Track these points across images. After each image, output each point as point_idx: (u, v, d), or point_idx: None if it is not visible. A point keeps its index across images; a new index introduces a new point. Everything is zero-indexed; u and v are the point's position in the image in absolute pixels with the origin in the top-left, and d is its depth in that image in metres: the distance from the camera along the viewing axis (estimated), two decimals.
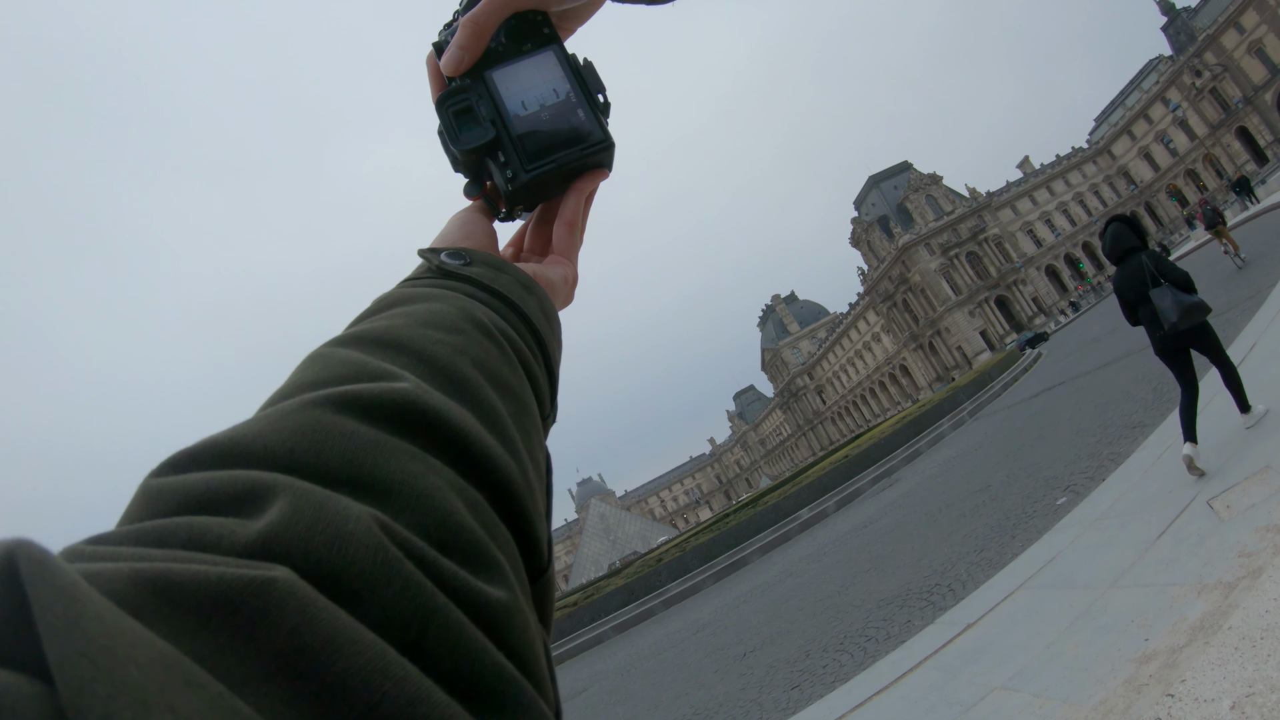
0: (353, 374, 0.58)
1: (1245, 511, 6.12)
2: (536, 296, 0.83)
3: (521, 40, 0.97)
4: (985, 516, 12.51)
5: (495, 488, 0.56)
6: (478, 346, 0.68)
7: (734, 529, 29.94)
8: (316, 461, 0.48)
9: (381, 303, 0.74)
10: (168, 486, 0.45)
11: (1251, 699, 3.77)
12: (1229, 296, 20.36)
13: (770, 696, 9.46)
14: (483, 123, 0.93)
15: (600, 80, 1.00)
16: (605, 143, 0.96)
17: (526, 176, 0.92)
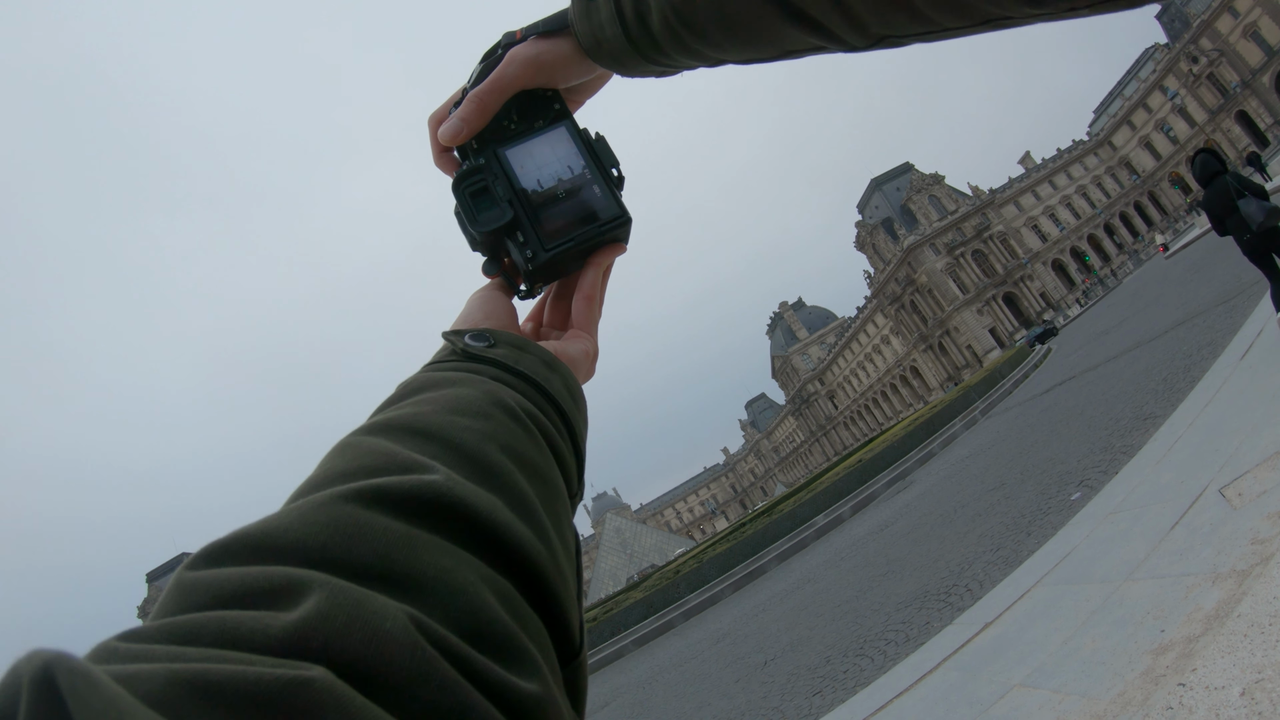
0: (383, 465, 0.58)
1: (1257, 498, 6.11)
2: (560, 375, 0.83)
3: (533, 117, 0.98)
4: (1000, 515, 12.50)
5: (526, 577, 0.57)
6: (505, 431, 0.68)
7: (751, 538, 29.91)
8: (349, 557, 0.48)
9: (407, 388, 0.75)
10: (201, 580, 0.46)
11: (1261, 684, 3.78)
12: (1238, 282, 20.33)
13: (792, 704, 9.46)
14: (500, 203, 0.93)
15: (613, 154, 1.00)
16: (621, 219, 0.97)
17: (546, 256, 0.93)
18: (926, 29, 0.69)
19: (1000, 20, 0.66)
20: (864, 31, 0.72)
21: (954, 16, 0.66)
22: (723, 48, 0.85)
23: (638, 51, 0.90)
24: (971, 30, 0.69)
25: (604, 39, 0.91)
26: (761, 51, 0.85)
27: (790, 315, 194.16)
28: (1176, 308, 24.96)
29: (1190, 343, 16.84)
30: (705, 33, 0.83)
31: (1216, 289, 22.17)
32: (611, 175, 0.99)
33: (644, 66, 0.94)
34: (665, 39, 0.86)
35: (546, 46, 0.96)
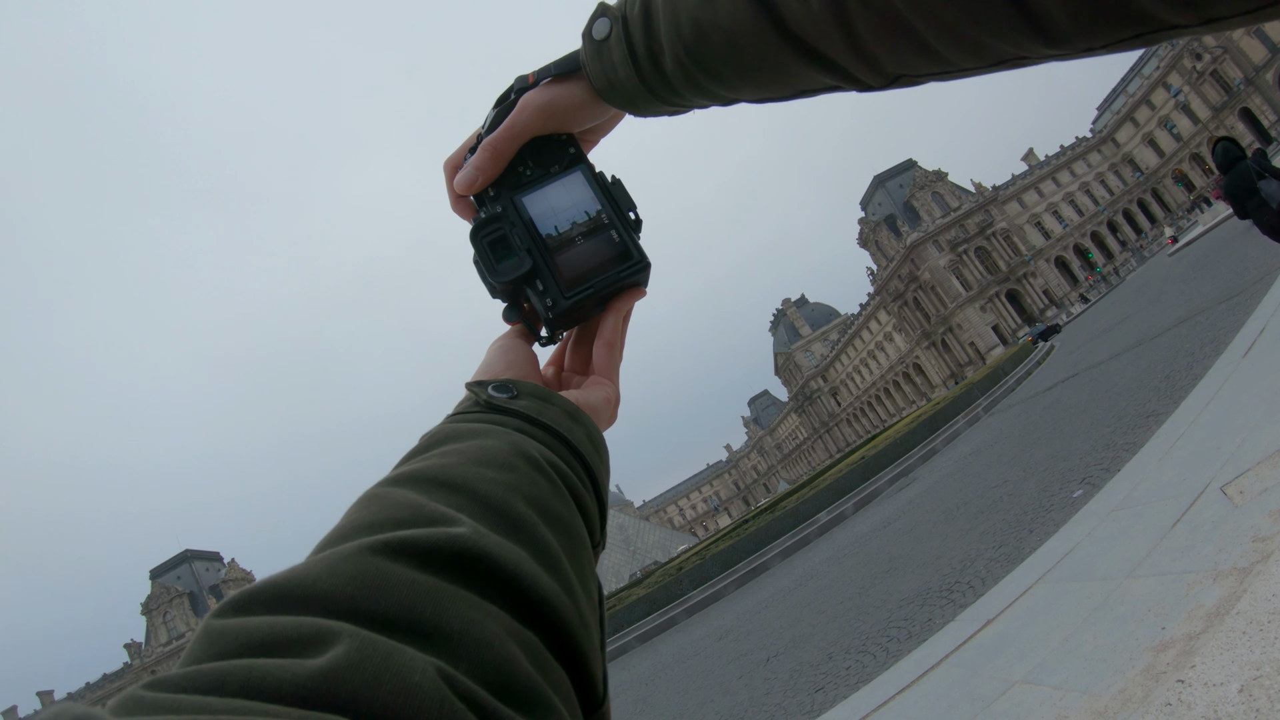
0: (409, 517, 0.59)
1: (1259, 496, 6.13)
2: (583, 426, 0.83)
3: (548, 162, 0.98)
4: (1003, 512, 12.53)
5: (551, 629, 0.57)
6: (530, 483, 0.68)
7: (753, 535, 29.94)
8: (377, 609, 0.49)
9: (432, 439, 0.75)
10: (229, 628, 0.46)
11: (1259, 681, 3.80)
12: (1241, 280, 20.33)
13: (795, 700, 9.49)
14: (518, 252, 0.93)
15: (629, 197, 1.00)
16: (640, 264, 0.97)
17: (566, 304, 0.93)
18: (942, 69, 0.70)
19: (1016, 60, 0.66)
20: (879, 71, 0.73)
21: (970, 58, 0.67)
22: (737, 88, 0.86)
23: (651, 93, 0.90)
24: (987, 70, 0.69)
25: (617, 81, 0.91)
26: (776, 91, 0.85)
27: (793, 312, 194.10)
28: (1179, 305, 24.96)
29: (1193, 340, 16.85)
30: (719, 74, 0.83)
31: (1220, 286, 22.18)
32: (629, 219, 0.99)
33: (657, 107, 0.94)
34: (679, 80, 0.87)
35: (559, 91, 0.96)
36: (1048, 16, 0.57)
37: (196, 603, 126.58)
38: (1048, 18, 0.57)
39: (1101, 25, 0.56)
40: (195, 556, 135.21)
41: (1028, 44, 0.61)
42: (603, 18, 0.91)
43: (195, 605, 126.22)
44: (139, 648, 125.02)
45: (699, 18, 0.80)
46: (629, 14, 0.88)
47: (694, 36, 0.81)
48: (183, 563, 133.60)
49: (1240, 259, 25.39)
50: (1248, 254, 25.43)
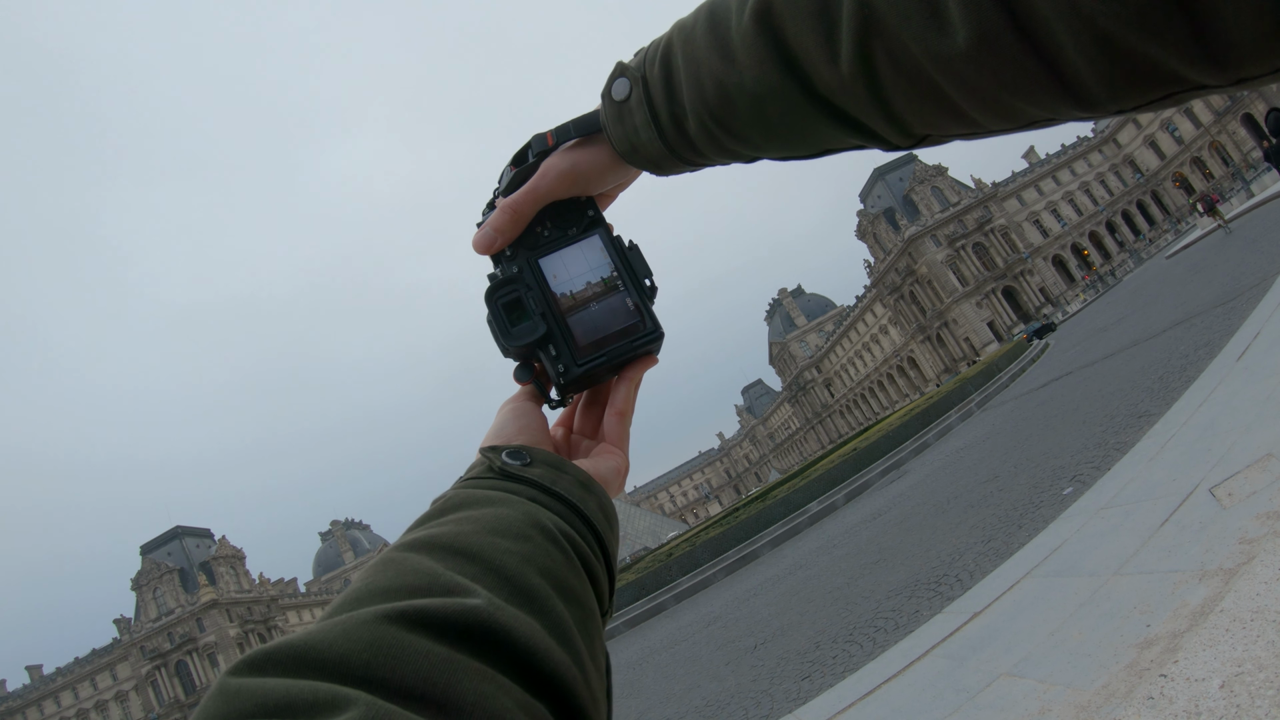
0: (425, 585, 0.60)
1: (1247, 499, 6.18)
2: (595, 496, 0.84)
3: (567, 224, 0.98)
4: (993, 507, 12.58)
5: (561, 703, 0.58)
6: (544, 554, 0.69)
7: (744, 523, 29.98)
8: (392, 678, 0.50)
9: (447, 504, 0.76)
10: (245, 689, 0.47)
11: (1240, 678, 3.87)
12: (1237, 284, 20.38)
13: (781, 687, 9.55)
14: (533, 316, 0.94)
15: (646, 264, 1.00)
16: (654, 334, 0.97)
17: (579, 371, 0.93)
18: (970, 130, 0.70)
19: (1045, 122, 0.66)
20: (906, 132, 0.72)
21: (1000, 121, 0.66)
22: (761, 148, 0.85)
23: (674, 154, 0.90)
24: (1014, 131, 0.69)
25: (639, 144, 0.90)
26: (800, 151, 0.84)
27: (789, 302, 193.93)
28: (1175, 307, 24.99)
29: (1187, 343, 16.88)
30: (744, 135, 0.83)
31: (1216, 290, 22.21)
32: (644, 286, 0.99)
33: (679, 166, 0.93)
34: (702, 142, 0.86)
35: (582, 156, 0.96)
36: (1081, 82, 0.57)
37: (186, 578, 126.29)
38: (1080, 83, 0.57)
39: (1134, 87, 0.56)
40: (186, 533, 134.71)
41: (1058, 106, 0.61)
42: (622, 78, 0.91)
43: (185, 581, 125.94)
44: (129, 623, 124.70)
45: (724, 81, 0.80)
46: (649, 75, 0.88)
47: (718, 99, 0.81)
48: (173, 539, 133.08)
49: (1238, 264, 25.44)
50: (1245, 259, 25.51)
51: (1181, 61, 0.51)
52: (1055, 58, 0.56)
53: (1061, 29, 0.54)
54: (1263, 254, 23.65)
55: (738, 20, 0.77)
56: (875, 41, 0.65)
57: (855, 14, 0.65)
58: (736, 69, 0.78)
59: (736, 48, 0.77)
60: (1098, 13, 0.51)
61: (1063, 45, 0.55)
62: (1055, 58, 0.56)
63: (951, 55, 0.60)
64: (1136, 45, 0.52)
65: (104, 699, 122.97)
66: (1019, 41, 0.56)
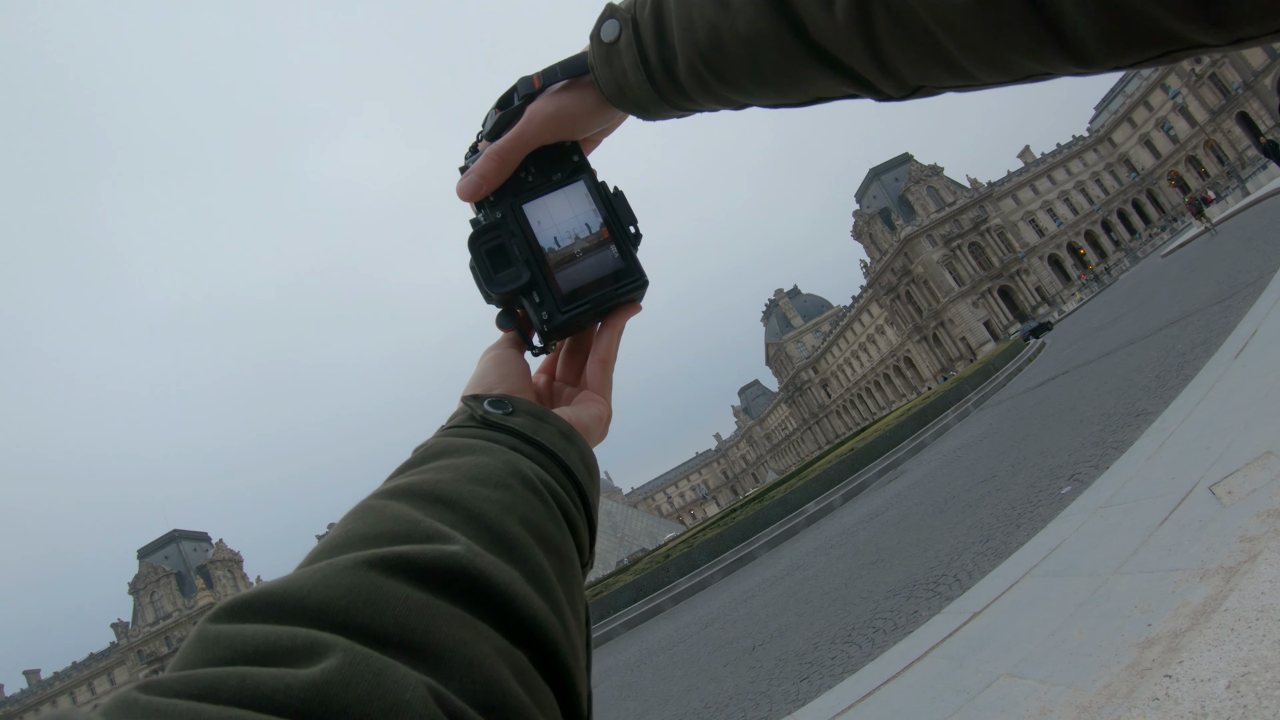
0: (405, 532, 0.60)
1: (1246, 497, 6.16)
2: (577, 446, 0.84)
3: (551, 170, 0.97)
4: (991, 506, 12.57)
5: (539, 649, 0.58)
6: (524, 503, 0.69)
7: (741, 524, 29.97)
8: (371, 624, 0.50)
9: (427, 453, 0.76)
10: (224, 634, 0.47)
11: (1246, 678, 3.84)
12: (1233, 282, 20.39)
13: (780, 689, 9.52)
14: (516, 263, 0.93)
15: (631, 211, 1.00)
16: (638, 281, 0.97)
17: (562, 318, 0.93)
18: (964, 82, 0.69)
19: (1040, 76, 0.66)
20: (900, 82, 0.72)
21: (994, 73, 0.66)
22: (751, 94, 0.85)
23: (662, 98, 0.89)
24: (1008, 84, 0.69)
25: (627, 86, 0.90)
26: (791, 98, 0.84)
27: (785, 302, 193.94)
28: (1171, 306, 25.02)
29: (1184, 341, 16.89)
30: (735, 80, 0.82)
31: (1212, 288, 22.23)
32: (629, 233, 0.98)
33: (667, 111, 0.93)
34: (692, 86, 0.86)
35: (568, 100, 0.95)
36: (1078, 36, 0.57)
37: (184, 583, 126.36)
38: (1077, 38, 0.57)
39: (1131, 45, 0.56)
40: (183, 536, 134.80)
41: (1055, 61, 0.61)
42: (611, 19, 0.89)
43: (182, 585, 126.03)
44: (126, 627, 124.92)
45: (716, 24, 0.79)
46: (639, 17, 0.87)
47: (709, 43, 0.80)
48: (170, 543, 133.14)
49: (1233, 262, 25.45)
50: (1241, 257, 25.52)
51: (1180, 20, 0.51)
52: (1054, 13, 0.56)
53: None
54: (1259, 252, 23.67)
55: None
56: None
57: None
58: (729, 13, 0.77)
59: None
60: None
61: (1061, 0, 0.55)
62: (1054, 13, 0.56)
63: (949, 8, 0.61)
64: (1136, 2, 0.52)
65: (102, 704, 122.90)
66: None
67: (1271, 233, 27.04)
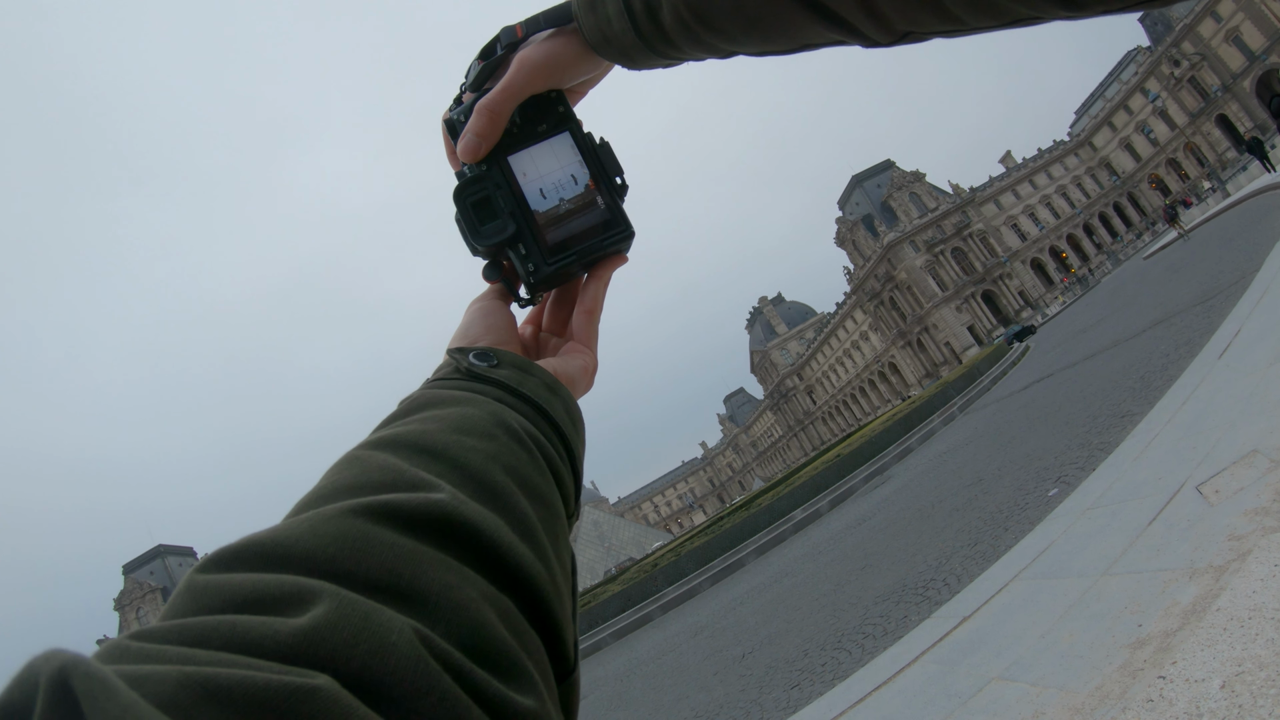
0: (391, 480, 0.60)
1: (1234, 495, 6.17)
2: (561, 398, 0.83)
3: (536, 121, 0.96)
4: (978, 510, 12.58)
5: (526, 595, 0.58)
6: (509, 453, 0.69)
7: (728, 532, 29.98)
8: (358, 570, 0.50)
9: (412, 404, 0.76)
10: (213, 584, 0.47)
11: (1241, 677, 3.82)
12: (1216, 283, 20.49)
13: (770, 696, 9.50)
14: (502, 215, 0.92)
15: (617, 162, 0.99)
16: (625, 231, 0.96)
17: (548, 270, 0.92)
18: (953, 27, 0.68)
19: (1029, 20, 0.65)
20: (887, 27, 0.71)
21: (984, 16, 0.65)
22: (738, 41, 0.83)
23: (647, 46, 0.88)
24: (998, 28, 0.68)
25: (611, 34, 0.89)
26: (778, 45, 0.82)
27: (770, 310, 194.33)
28: (1154, 307, 25.14)
29: (1168, 342, 16.96)
30: (721, 27, 0.81)
31: (1195, 289, 22.35)
32: (615, 184, 0.98)
33: (652, 60, 0.91)
34: (677, 33, 0.84)
35: (553, 48, 0.93)
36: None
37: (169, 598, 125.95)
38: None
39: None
40: (168, 551, 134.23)
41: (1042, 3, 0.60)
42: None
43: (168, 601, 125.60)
44: None
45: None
46: None
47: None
48: (155, 558, 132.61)
49: (1216, 263, 25.59)
50: (1223, 258, 25.67)
51: None
52: None
53: None
54: (1240, 252, 23.79)
55: None
56: None
57: None
58: None
59: None
60: None
61: None
62: None
63: None
64: None
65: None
66: None
67: (1252, 233, 27.19)
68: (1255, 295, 13.30)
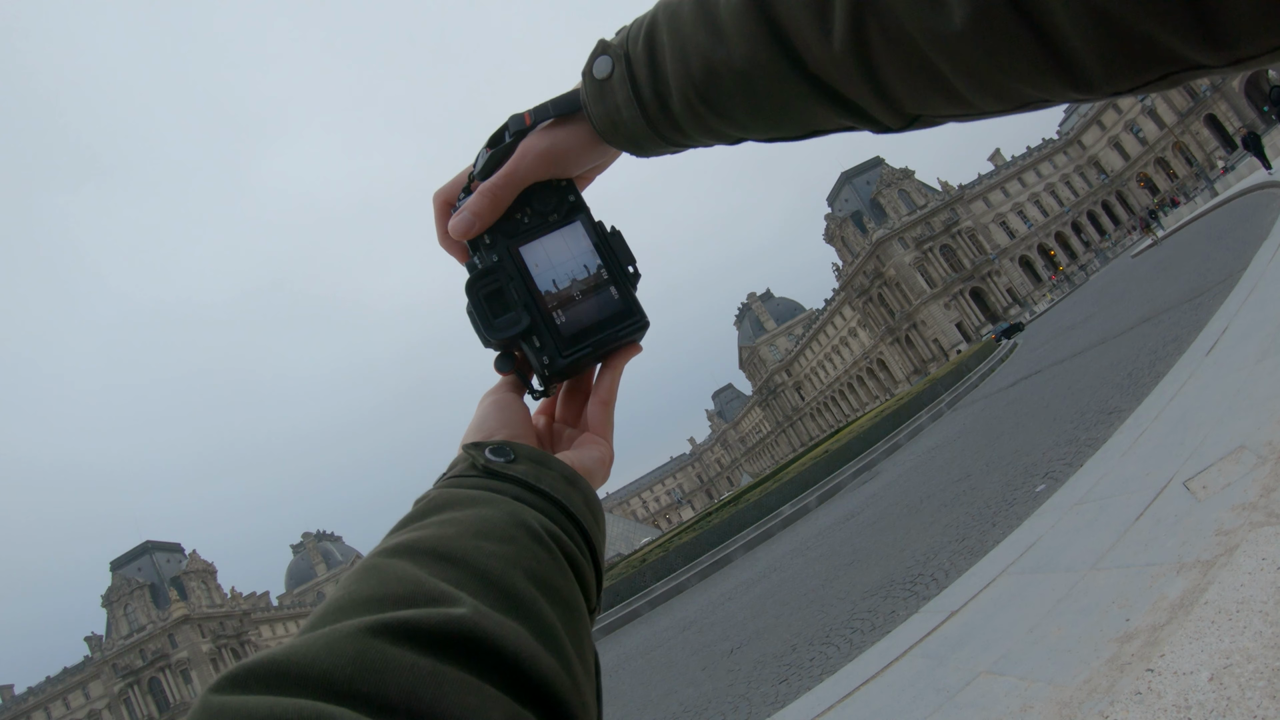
0: (410, 594, 0.58)
1: (1222, 490, 6.18)
2: (580, 491, 0.82)
3: (547, 210, 0.95)
4: (966, 505, 12.61)
5: (550, 709, 0.57)
6: (530, 556, 0.68)
7: (717, 527, 30.05)
8: (376, 694, 0.48)
9: (430, 505, 0.74)
10: (229, 707, 0.46)
11: (1229, 670, 3.83)
12: (1204, 280, 20.57)
13: (758, 691, 9.51)
14: (515, 308, 0.91)
15: (629, 250, 0.98)
16: (639, 322, 0.95)
17: (563, 363, 0.91)
18: (962, 110, 0.69)
19: (1040, 103, 0.65)
20: (898, 112, 0.71)
21: (994, 101, 0.65)
22: (747, 128, 0.83)
23: (657, 134, 0.88)
24: (1007, 112, 0.68)
25: (620, 122, 0.88)
26: (787, 131, 0.83)
27: (758, 306, 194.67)
28: (1143, 304, 25.26)
29: (1156, 338, 17.03)
30: (730, 114, 0.81)
31: (1183, 287, 22.44)
32: (628, 273, 0.97)
33: (661, 147, 0.91)
34: (687, 120, 0.84)
35: (561, 137, 0.93)
36: (1078, 61, 0.56)
37: (158, 594, 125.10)
38: (1078, 62, 0.56)
39: (1131, 67, 0.55)
40: (156, 548, 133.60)
41: (1055, 87, 0.60)
42: (604, 55, 0.88)
43: (156, 597, 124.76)
44: (100, 640, 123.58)
45: (710, 57, 0.78)
46: (632, 52, 0.86)
47: (704, 77, 0.79)
48: (143, 554, 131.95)
49: (1204, 260, 25.70)
50: (1211, 255, 25.78)
51: (1179, 39, 0.51)
52: (1053, 36, 0.55)
53: (1059, 6, 0.53)
54: (1229, 250, 23.89)
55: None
56: (870, 18, 0.64)
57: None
58: (724, 45, 0.76)
59: (725, 22, 0.75)
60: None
61: (1060, 23, 0.54)
62: (1053, 36, 0.55)
63: (948, 33, 0.60)
64: (1134, 23, 0.51)
65: (77, 718, 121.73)
66: (1016, 19, 0.56)
67: (1240, 230, 27.30)
68: (1243, 292, 13.34)
